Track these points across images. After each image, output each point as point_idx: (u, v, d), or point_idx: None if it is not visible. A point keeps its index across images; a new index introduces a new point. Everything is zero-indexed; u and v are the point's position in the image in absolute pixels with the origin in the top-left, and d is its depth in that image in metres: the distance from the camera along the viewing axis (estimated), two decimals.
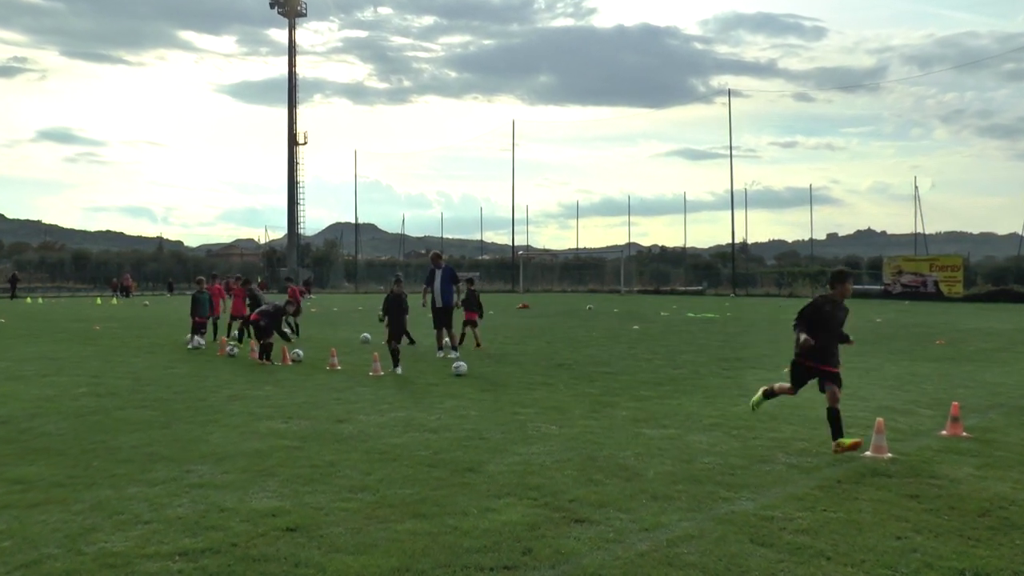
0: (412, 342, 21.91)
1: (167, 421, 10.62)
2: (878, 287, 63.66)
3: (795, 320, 9.07)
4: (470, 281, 20.97)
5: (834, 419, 8.86)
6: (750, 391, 13.36)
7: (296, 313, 22.87)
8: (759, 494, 7.19)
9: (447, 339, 18.85)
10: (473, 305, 20.97)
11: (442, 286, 19.05)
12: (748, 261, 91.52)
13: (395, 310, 15.92)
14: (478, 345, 20.73)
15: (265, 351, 17.47)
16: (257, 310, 18.60)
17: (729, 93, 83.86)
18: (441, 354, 18.50)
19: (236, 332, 22.74)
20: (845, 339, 9.34)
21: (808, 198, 79.34)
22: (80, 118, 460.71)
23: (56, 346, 21.68)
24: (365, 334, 23.95)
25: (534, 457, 8.56)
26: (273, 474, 7.81)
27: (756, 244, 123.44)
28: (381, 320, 16.25)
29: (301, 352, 18.10)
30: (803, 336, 8.78)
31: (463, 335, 20.82)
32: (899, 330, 28.04)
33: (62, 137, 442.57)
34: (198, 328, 21.08)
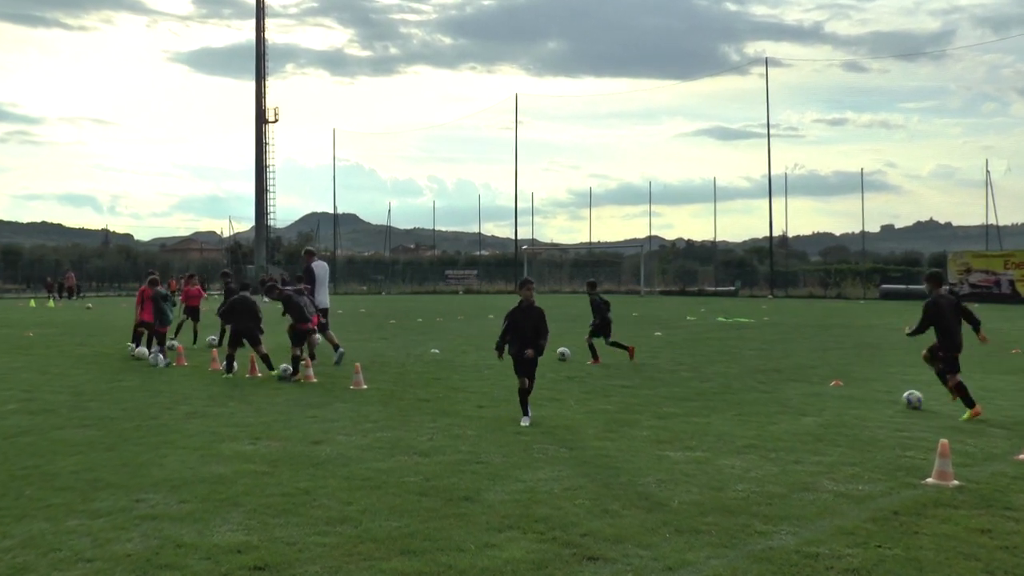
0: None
1: (113, 442, 10.62)
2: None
3: None
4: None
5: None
6: (790, 407, 13.38)
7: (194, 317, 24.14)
8: (802, 527, 7.19)
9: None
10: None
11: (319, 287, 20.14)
12: (789, 257, 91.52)
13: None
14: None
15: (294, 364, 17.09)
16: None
17: (767, 62, 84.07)
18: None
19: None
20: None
21: (859, 184, 79.32)
22: (10, 91, 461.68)
23: None
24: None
25: (541, 484, 8.56)
26: (238, 504, 7.82)
27: (798, 237, 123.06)
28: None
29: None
30: None
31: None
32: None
33: None
34: (163, 337, 20.76)
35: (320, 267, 20.19)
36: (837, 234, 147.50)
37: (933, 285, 13.38)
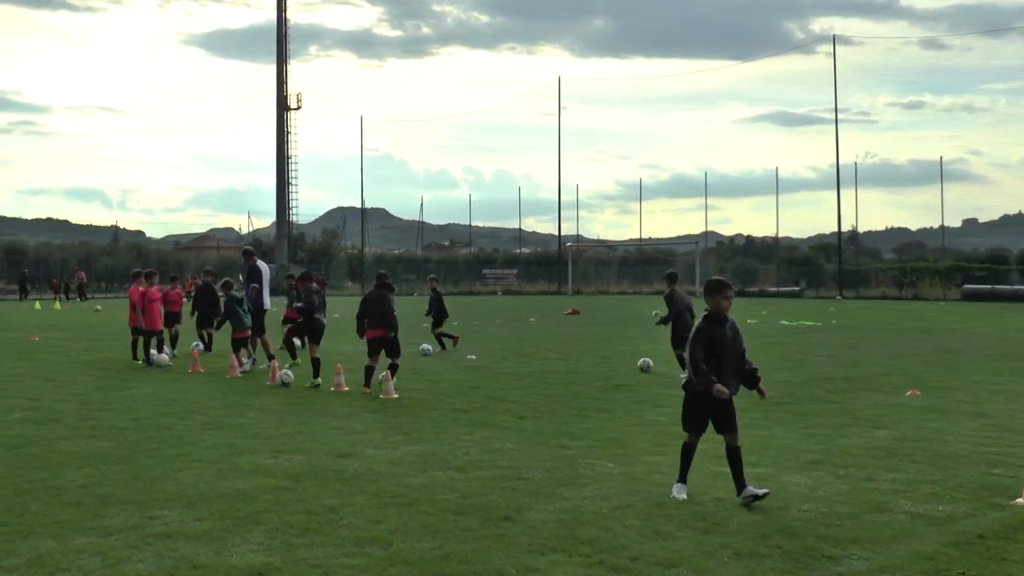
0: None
1: (124, 455, 10.74)
2: None
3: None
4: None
5: None
6: (862, 419, 13.28)
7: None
8: (874, 551, 7.14)
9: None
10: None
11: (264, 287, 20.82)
12: (859, 255, 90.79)
13: None
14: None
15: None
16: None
17: (834, 40, 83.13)
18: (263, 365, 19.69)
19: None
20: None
21: (938, 174, 78.43)
22: (14, 78, 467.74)
23: None
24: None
25: (587, 503, 8.56)
26: (259, 522, 7.87)
27: (870, 233, 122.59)
28: None
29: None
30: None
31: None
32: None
33: None
34: (239, 343, 20.24)
35: (263, 267, 21.00)
36: (913, 229, 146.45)
37: (670, 282, 19.45)
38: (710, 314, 9.03)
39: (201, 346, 23.24)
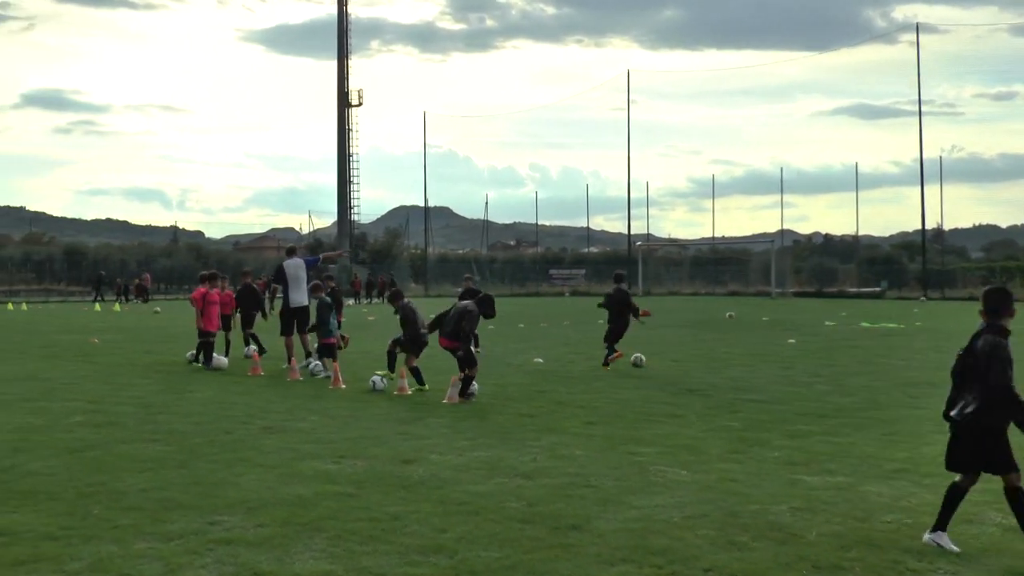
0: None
1: (184, 459, 10.89)
2: None
3: None
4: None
5: None
6: (946, 425, 13.07)
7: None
8: (963, 566, 7.04)
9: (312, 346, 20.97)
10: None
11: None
12: (945, 253, 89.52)
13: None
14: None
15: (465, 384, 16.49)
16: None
17: (918, 28, 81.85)
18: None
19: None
20: None
21: None
22: (75, 77, 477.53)
23: (44, 364, 22.42)
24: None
25: (658, 511, 8.53)
26: (321, 529, 7.95)
27: (956, 230, 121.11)
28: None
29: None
30: None
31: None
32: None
33: (52, 102, 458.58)
34: (326, 349, 20.04)
35: (293, 265, 21.37)
36: (1003, 226, 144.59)
37: (616, 282, 21.90)
38: (1006, 329, 7.82)
39: (255, 348, 23.40)
